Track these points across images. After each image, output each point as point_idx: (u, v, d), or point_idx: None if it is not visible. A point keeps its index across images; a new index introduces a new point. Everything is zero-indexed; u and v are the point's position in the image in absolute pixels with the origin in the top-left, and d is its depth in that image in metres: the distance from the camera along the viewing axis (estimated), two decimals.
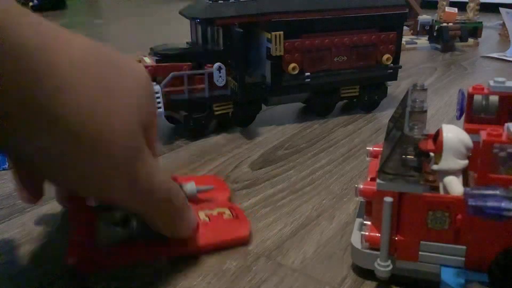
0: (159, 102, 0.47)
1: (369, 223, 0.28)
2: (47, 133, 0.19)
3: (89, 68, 0.20)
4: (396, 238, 0.26)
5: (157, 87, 0.47)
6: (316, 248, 0.32)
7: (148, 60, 0.49)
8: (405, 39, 0.96)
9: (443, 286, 0.25)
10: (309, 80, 0.52)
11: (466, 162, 0.25)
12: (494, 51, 0.93)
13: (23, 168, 0.27)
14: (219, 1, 0.48)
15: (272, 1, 0.49)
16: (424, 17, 1.05)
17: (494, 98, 0.28)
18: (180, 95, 0.49)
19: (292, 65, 0.51)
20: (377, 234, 0.26)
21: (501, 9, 1.02)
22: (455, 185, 0.25)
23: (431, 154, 0.27)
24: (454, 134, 0.25)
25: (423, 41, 1.00)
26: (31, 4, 1.25)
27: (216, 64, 0.49)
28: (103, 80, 0.21)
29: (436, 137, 0.27)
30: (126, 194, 0.24)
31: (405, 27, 0.99)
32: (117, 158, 0.22)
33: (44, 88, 0.18)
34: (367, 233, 0.27)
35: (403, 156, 0.25)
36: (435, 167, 0.26)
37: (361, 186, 0.27)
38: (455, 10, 0.98)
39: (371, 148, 0.33)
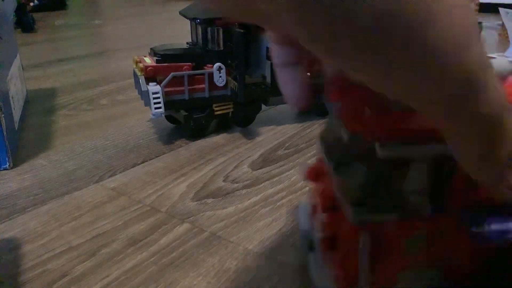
0: (159, 102, 0.47)
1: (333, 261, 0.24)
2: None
3: None
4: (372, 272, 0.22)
5: (157, 87, 0.47)
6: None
7: (148, 60, 0.49)
8: None
9: None
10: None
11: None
12: (493, 51, 0.93)
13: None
14: None
15: None
16: None
17: None
18: (180, 95, 0.49)
19: None
20: (350, 272, 0.22)
21: (501, 10, 1.02)
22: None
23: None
24: None
25: None
26: (31, 4, 1.25)
27: (216, 65, 0.49)
28: None
29: None
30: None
31: None
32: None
33: None
34: (338, 273, 0.23)
35: (376, 180, 0.21)
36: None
37: (324, 221, 0.23)
38: None
39: (307, 169, 0.27)
